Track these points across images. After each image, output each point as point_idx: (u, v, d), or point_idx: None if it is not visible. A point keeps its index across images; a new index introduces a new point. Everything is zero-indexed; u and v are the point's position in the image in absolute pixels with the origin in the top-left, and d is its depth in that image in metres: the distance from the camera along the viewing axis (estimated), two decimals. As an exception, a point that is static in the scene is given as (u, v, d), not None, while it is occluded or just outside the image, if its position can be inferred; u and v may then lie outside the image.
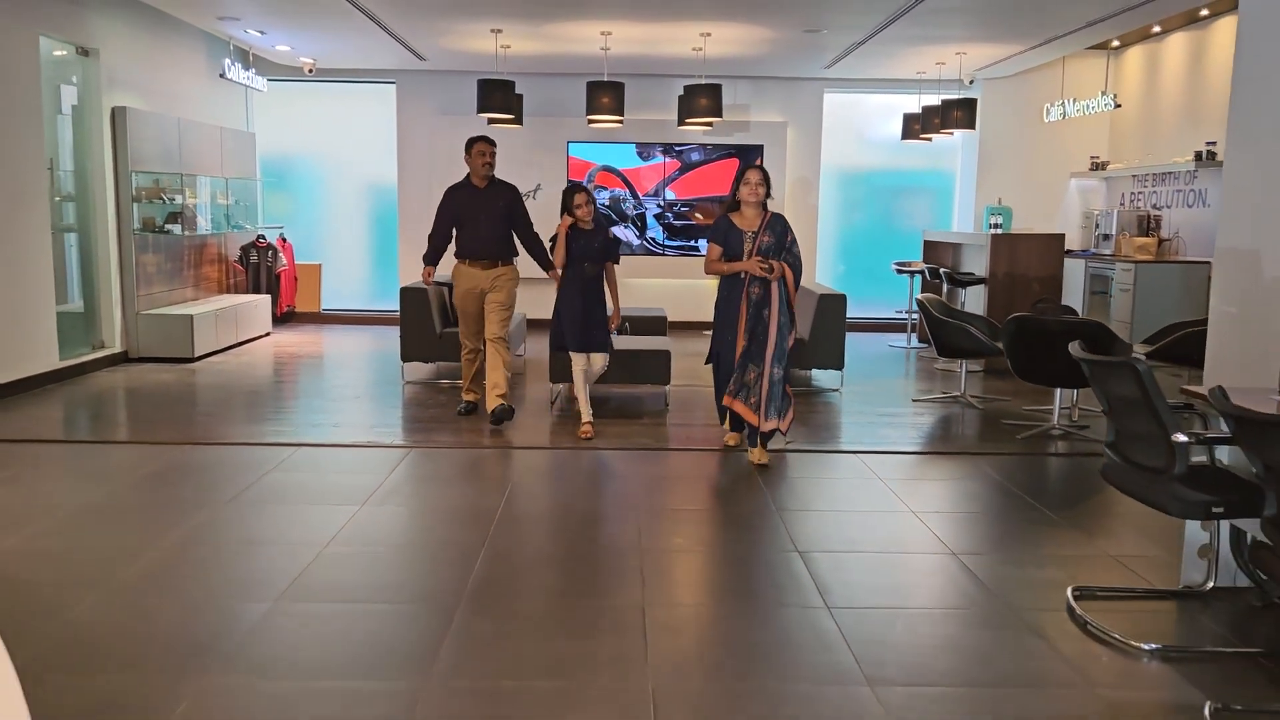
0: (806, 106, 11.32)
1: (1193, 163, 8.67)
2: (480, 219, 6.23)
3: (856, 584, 3.69)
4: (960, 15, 7.77)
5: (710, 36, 8.64)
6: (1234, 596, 3.58)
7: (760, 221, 5.41)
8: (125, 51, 8.40)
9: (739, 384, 5.41)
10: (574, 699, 2.77)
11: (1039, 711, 2.76)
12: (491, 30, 8.54)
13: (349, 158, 11.74)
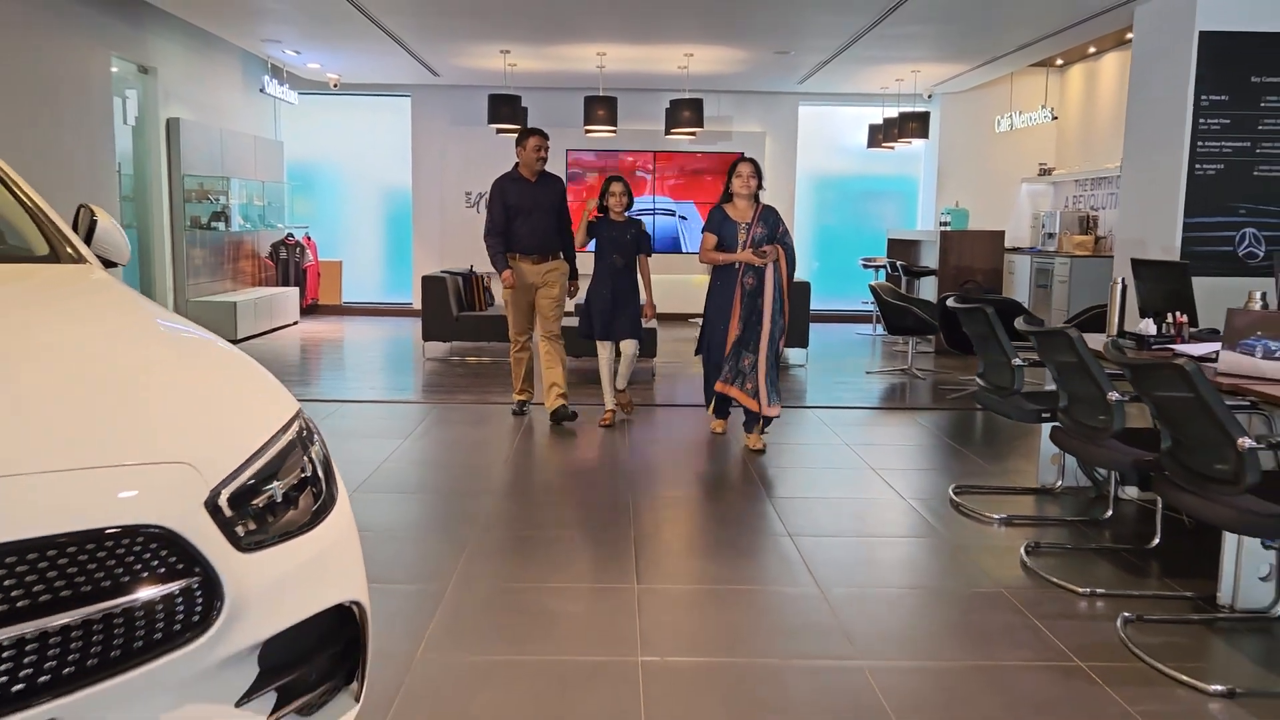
0: (782, 118, 12.50)
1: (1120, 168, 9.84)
2: (534, 213, 6.07)
3: (813, 514, 4.82)
4: (910, 40, 8.93)
5: (693, 57, 9.82)
6: (1077, 492, 4.72)
7: (754, 213, 5.59)
8: (178, 69, 9.55)
9: (734, 371, 5.57)
10: (577, 544, 3.91)
11: (918, 557, 3.90)
12: (500, 51, 9.71)
13: (367, 164, 12.89)
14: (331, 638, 1.90)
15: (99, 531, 1.47)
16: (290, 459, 1.86)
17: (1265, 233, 6.70)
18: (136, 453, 1.62)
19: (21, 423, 1.59)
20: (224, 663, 1.63)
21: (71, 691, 1.43)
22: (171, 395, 1.85)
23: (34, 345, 1.95)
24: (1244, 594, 3.25)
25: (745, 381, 5.55)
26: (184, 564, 1.57)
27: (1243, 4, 6.52)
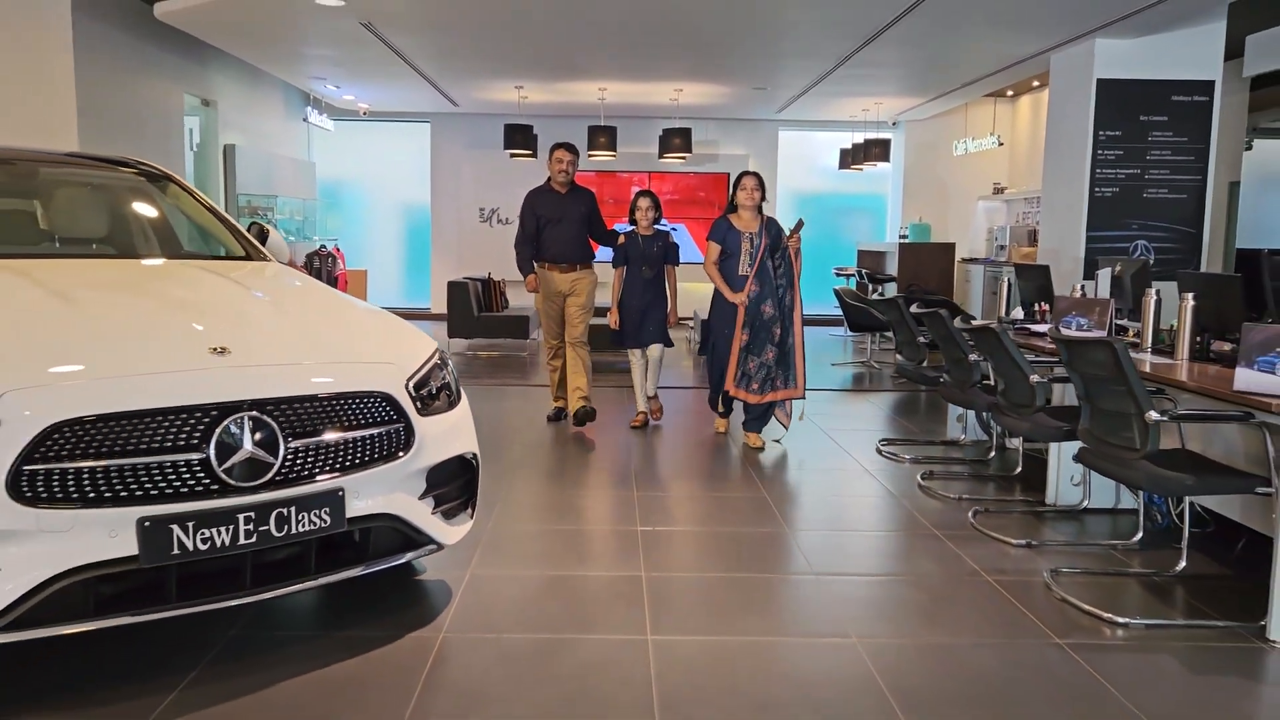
0: (764, 142, 13.93)
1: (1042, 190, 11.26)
2: (562, 223, 6.32)
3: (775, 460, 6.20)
4: (870, 78, 10.34)
5: (682, 91, 11.24)
6: (977, 446, 6.09)
7: (758, 224, 5.91)
8: (234, 101, 10.94)
9: (741, 374, 5.89)
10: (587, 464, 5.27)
11: (846, 485, 5.26)
12: (515, 86, 11.12)
13: (389, 182, 14.29)
14: (459, 475, 3.26)
15: (366, 392, 2.85)
16: (437, 372, 3.24)
17: (1154, 244, 8.10)
18: (372, 357, 3.00)
19: (309, 336, 2.98)
20: (412, 474, 3.00)
21: (353, 473, 2.80)
22: (375, 331, 3.25)
23: (282, 302, 3.35)
24: (1062, 496, 4.63)
25: (751, 383, 5.88)
26: (396, 416, 2.94)
27: (1132, 56, 7.94)
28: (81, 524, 2.39)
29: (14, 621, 2.35)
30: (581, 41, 8.68)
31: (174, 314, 3.06)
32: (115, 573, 2.45)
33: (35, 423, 2.36)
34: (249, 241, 4.16)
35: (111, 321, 2.88)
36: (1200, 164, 8.10)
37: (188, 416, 2.53)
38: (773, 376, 5.88)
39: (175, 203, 4.36)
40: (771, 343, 5.85)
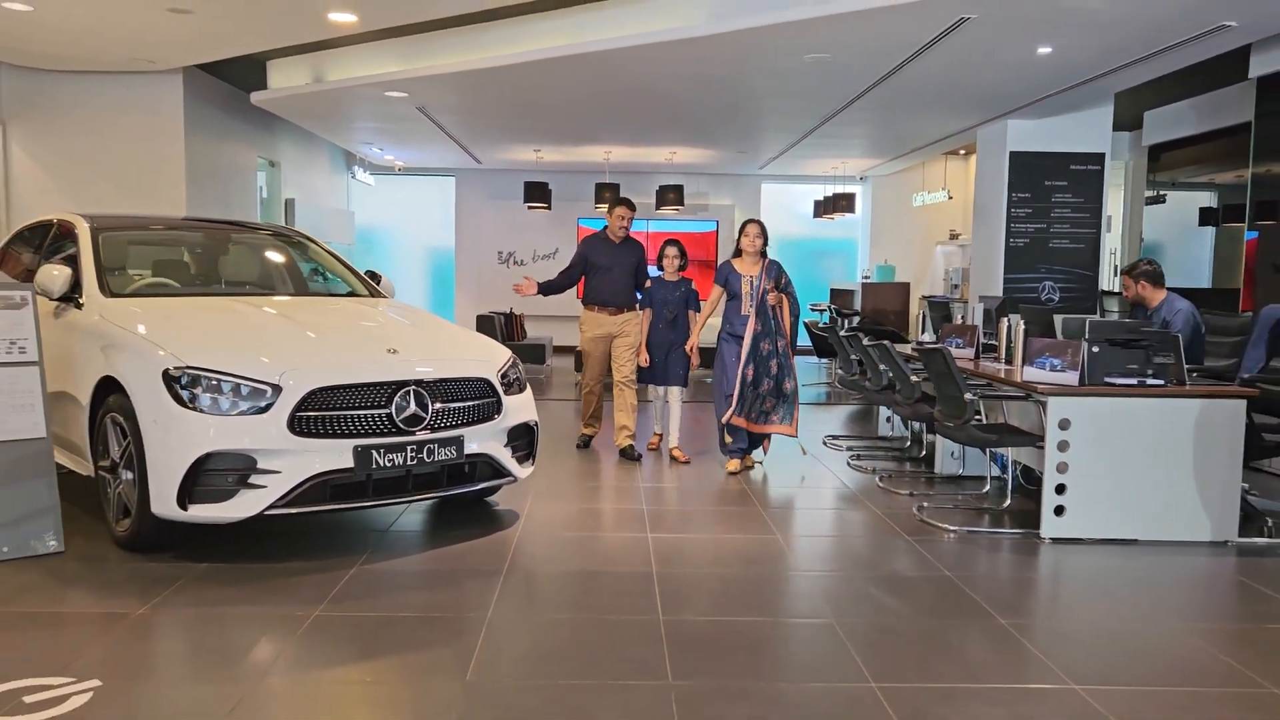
0: (749, 194, 15.85)
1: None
2: (613, 269, 6.77)
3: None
4: (836, 143, 12.23)
5: (675, 153, 13.16)
6: (903, 439, 7.86)
7: (760, 267, 6.36)
8: (293, 161, 12.83)
9: (743, 406, 6.35)
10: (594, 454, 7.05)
11: (795, 463, 7.04)
12: (534, 149, 13.04)
13: (417, 228, 16.17)
14: (526, 435, 5.04)
15: (476, 378, 4.67)
16: (512, 368, 5.04)
17: (1058, 284, 9.94)
18: (476, 356, 4.83)
19: (444, 350, 4.81)
20: (500, 431, 4.79)
21: (468, 427, 4.60)
22: (474, 341, 5.09)
23: (414, 321, 5.18)
24: (945, 467, 6.43)
25: (751, 412, 6.38)
26: (492, 394, 4.74)
27: (1038, 133, 9.83)
28: (324, 448, 4.18)
29: (288, 502, 4.13)
30: (591, 118, 10.58)
31: (356, 328, 4.89)
32: (340, 479, 4.23)
33: (300, 389, 4.15)
34: (369, 283, 5.99)
35: (324, 332, 4.70)
36: (1095, 219, 9.97)
37: (379, 388, 4.33)
38: (767, 410, 6.40)
39: (312, 255, 6.20)
40: (769, 376, 6.33)
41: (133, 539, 4.32)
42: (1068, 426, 4.82)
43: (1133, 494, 4.83)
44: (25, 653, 3.23)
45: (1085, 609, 3.97)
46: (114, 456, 4.39)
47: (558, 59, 7.56)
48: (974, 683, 3.12)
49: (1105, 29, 6.35)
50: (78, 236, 5.29)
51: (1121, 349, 4.89)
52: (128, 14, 7.22)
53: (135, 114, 9.48)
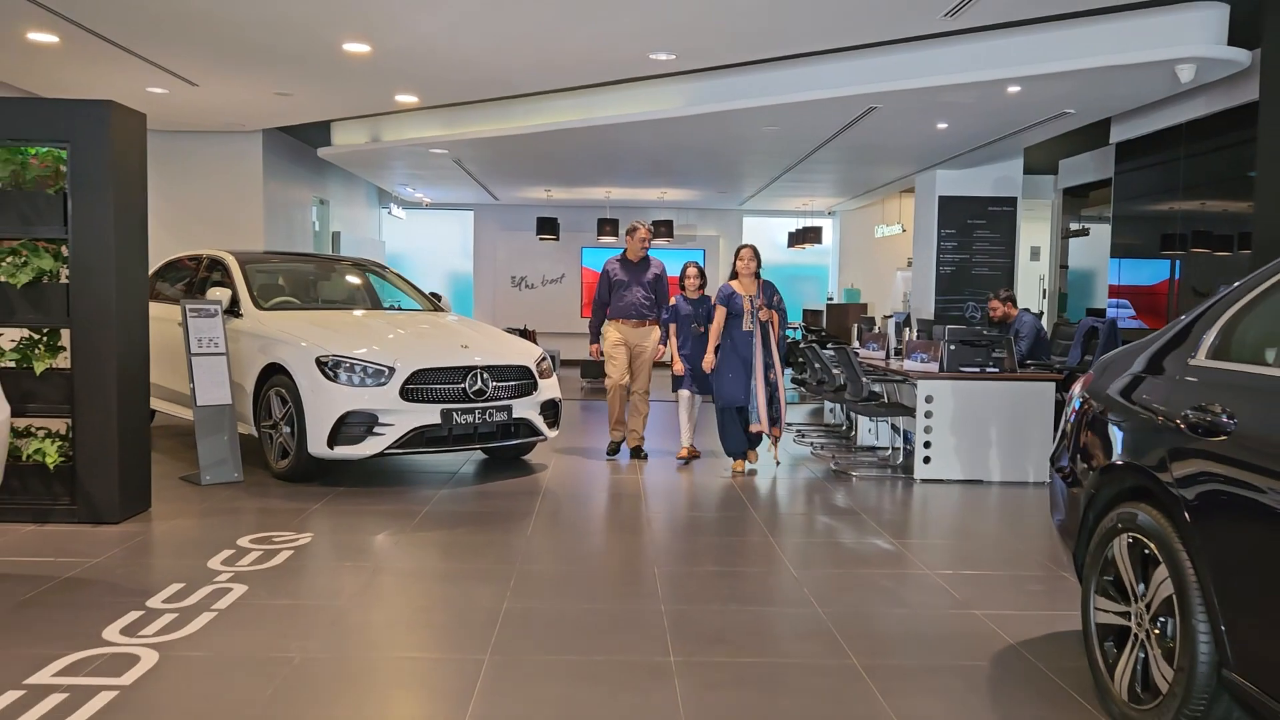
0: (732, 226, 18.01)
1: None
2: (632, 286, 7.48)
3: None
4: (803, 184, 14.39)
5: (666, 193, 15.34)
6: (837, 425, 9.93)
7: (756, 287, 7.04)
8: (339, 199, 14.98)
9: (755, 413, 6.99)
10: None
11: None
12: (544, 189, 15.21)
13: (438, 256, 18.30)
14: (553, 407, 7.14)
15: (520, 365, 6.78)
16: (544, 360, 7.15)
17: (980, 304, 12.05)
18: (519, 351, 6.94)
19: (498, 347, 6.93)
20: (536, 403, 6.88)
21: (515, 399, 6.70)
22: (516, 341, 7.21)
23: (473, 327, 7.30)
24: (864, 440, 8.51)
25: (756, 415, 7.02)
26: (530, 377, 6.85)
27: (961, 181, 11.98)
28: (421, 410, 6.26)
29: (398, 446, 6.21)
30: (595, 167, 12.74)
31: (435, 330, 7.00)
32: (431, 431, 6.31)
33: (407, 370, 6.24)
34: (432, 300, 8.10)
35: (412, 333, 6.80)
36: (1010, 251, 12.11)
37: (457, 370, 6.42)
38: (774, 418, 7.07)
39: (390, 280, 8.32)
40: (768, 383, 7.02)
41: (291, 472, 6.40)
42: (931, 400, 6.92)
43: (977, 448, 6.93)
44: (261, 521, 5.30)
45: (940, 524, 6.06)
46: (276, 417, 6.47)
47: (571, 129, 9.71)
48: (877, 575, 4.91)
49: (979, 115, 8.51)
50: (228, 266, 7.40)
51: (970, 347, 7.01)
52: (244, 98, 9.38)
53: (225, 165, 11.63)
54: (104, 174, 5.08)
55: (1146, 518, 2.82)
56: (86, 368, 5.13)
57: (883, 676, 3.33)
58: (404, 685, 3.23)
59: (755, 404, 6.98)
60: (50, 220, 5.08)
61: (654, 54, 7.75)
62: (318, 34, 7.29)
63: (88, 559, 4.51)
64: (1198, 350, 2.91)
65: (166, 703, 3.02)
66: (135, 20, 7.02)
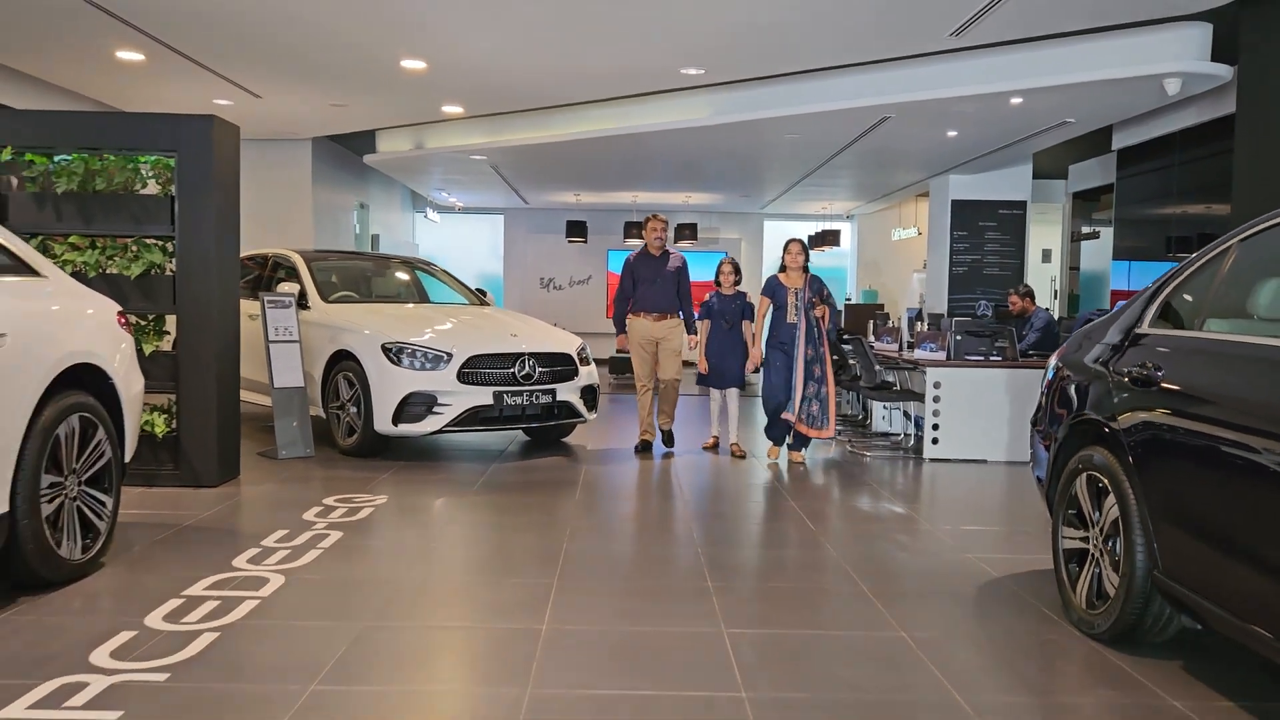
0: (753, 229, 18.66)
1: (954, 265, 15.87)
2: (654, 280, 7.51)
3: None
4: (821, 189, 15.03)
5: (690, 197, 16.01)
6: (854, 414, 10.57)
7: (803, 280, 7.06)
8: (378, 203, 15.73)
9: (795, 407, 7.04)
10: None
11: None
12: (574, 193, 15.91)
13: (470, 257, 19.03)
14: (591, 392, 7.81)
15: (563, 353, 7.47)
16: (583, 349, 7.82)
17: (991, 302, 12.65)
18: (561, 340, 7.63)
19: (544, 336, 7.62)
20: (577, 388, 7.55)
21: (558, 383, 7.38)
22: (557, 330, 7.90)
23: (519, 318, 8.00)
24: (879, 425, 9.14)
25: (802, 413, 7.05)
26: (572, 363, 7.52)
27: (973, 185, 12.59)
28: (476, 392, 6.95)
29: (455, 423, 6.90)
30: (624, 172, 13.43)
31: (485, 322, 7.69)
32: (485, 411, 7.00)
33: (463, 355, 6.93)
34: (478, 295, 8.79)
35: (465, 323, 7.50)
36: (1019, 252, 12.71)
37: (508, 357, 7.11)
38: (814, 414, 7.08)
39: (439, 277, 9.02)
40: (813, 379, 7.02)
41: (357, 448, 7.09)
42: (939, 386, 7.55)
43: (980, 430, 7.55)
44: (338, 486, 5.99)
45: (945, 492, 6.69)
46: (344, 399, 7.18)
47: (603, 137, 10.40)
48: (886, 529, 5.59)
49: (986, 124, 9.14)
50: (295, 264, 8.12)
51: (975, 337, 7.64)
52: (302, 108, 10.12)
53: (277, 171, 12.38)
54: (206, 179, 5.80)
55: (1100, 457, 3.47)
56: (189, 349, 5.84)
57: (886, 598, 3.98)
58: (489, 600, 3.91)
59: (793, 394, 7.04)
60: (159, 220, 5.80)
61: (684, 69, 8.43)
62: (379, 52, 8.01)
63: (198, 513, 5.21)
64: (1143, 321, 3.56)
65: (299, 608, 3.71)
66: (216, 39, 7.76)
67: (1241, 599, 2.79)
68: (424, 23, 7.25)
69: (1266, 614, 2.66)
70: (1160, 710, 2.93)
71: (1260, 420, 2.71)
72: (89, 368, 4.05)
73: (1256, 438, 2.71)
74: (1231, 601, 2.83)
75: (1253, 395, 2.80)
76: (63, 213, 5.74)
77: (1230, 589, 2.85)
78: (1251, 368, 2.86)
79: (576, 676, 3.12)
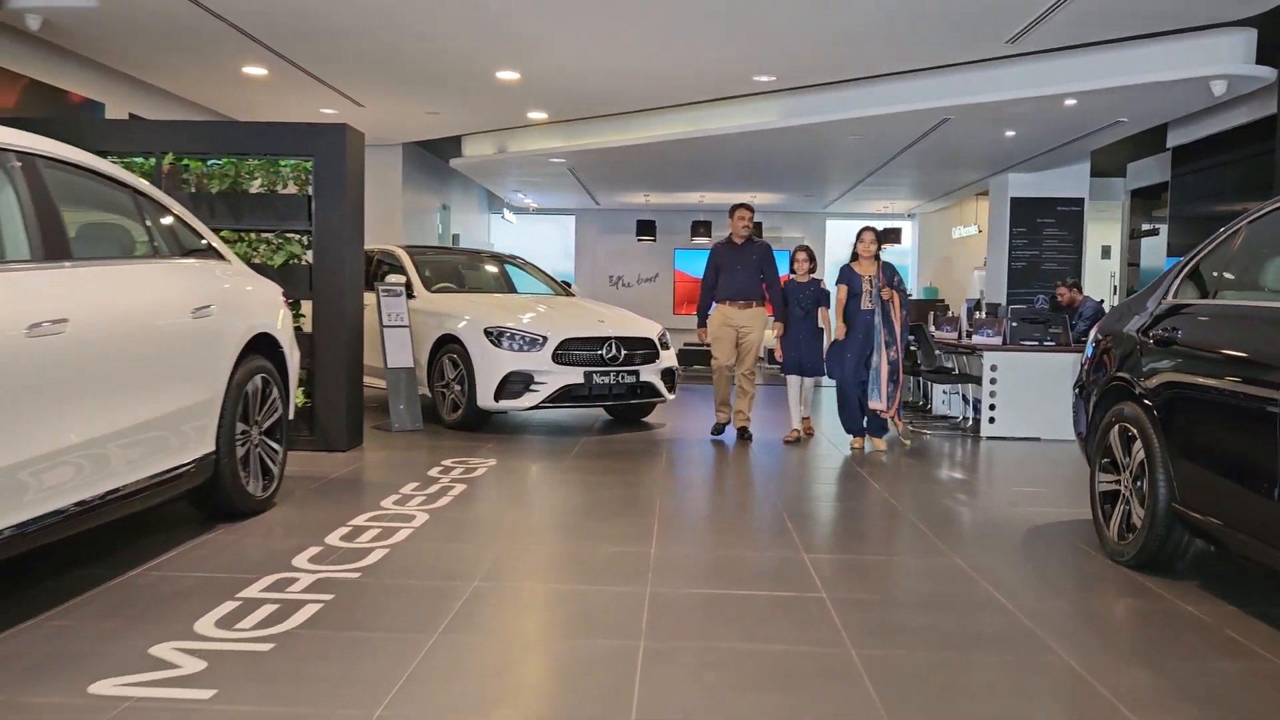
0: (815, 228, 19.20)
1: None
2: (738, 268, 7.61)
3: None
4: (882, 189, 15.55)
5: (755, 196, 16.63)
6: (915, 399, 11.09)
7: (876, 268, 7.20)
8: (458, 204, 16.61)
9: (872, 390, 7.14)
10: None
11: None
12: (644, 194, 16.63)
13: (540, 255, 19.81)
14: (671, 374, 8.49)
15: (646, 338, 8.17)
16: (664, 335, 8.51)
17: (1048, 296, 13.07)
18: (645, 326, 8.33)
19: (628, 322, 8.33)
20: (659, 370, 8.24)
21: (642, 365, 8.08)
22: (639, 318, 8.60)
23: (601, 308, 8.73)
24: (938, 409, 9.68)
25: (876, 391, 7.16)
26: (654, 347, 8.21)
27: (1032, 183, 13.03)
28: (568, 371, 7.66)
29: (549, 400, 7.62)
30: (692, 173, 14.11)
31: (574, 309, 8.42)
32: (576, 389, 7.71)
33: (557, 338, 7.65)
34: (564, 287, 9.53)
35: (555, 311, 8.23)
36: (1076, 248, 13.12)
37: (597, 340, 7.82)
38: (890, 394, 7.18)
39: (526, 270, 9.78)
40: (888, 361, 7.13)
41: (460, 422, 7.85)
42: (995, 369, 8.10)
43: (1033, 410, 8.08)
44: (450, 453, 6.75)
45: (1000, 463, 7.25)
46: (448, 378, 7.94)
47: (676, 140, 11.08)
48: (946, 491, 6.24)
49: (1040, 124, 9.65)
50: (400, 258, 8.93)
51: (1029, 324, 8.18)
52: (399, 116, 10.98)
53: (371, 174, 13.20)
54: (339, 181, 6.59)
55: (1130, 410, 4.06)
56: (323, 330, 6.64)
57: (943, 537, 4.60)
58: (603, 532, 4.61)
59: (876, 381, 7.10)
60: (298, 216, 6.61)
61: (757, 76, 9.08)
62: (476, 64, 8.79)
63: (338, 470, 5.99)
64: (1169, 293, 4.14)
65: (447, 534, 4.44)
66: (334, 54, 8.60)
67: (1242, 518, 3.37)
68: (522, 38, 8.00)
69: (1263, 528, 3.24)
70: (1174, 613, 3.51)
71: (1254, 369, 3.30)
72: (265, 337, 4.83)
73: (1253, 386, 3.29)
74: (1234, 520, 3.41)
75: (1248, 348, 3.39)
76: (215, 210, 6.58)
77: (1233, 511, 3.43)
78: (1248, 326, 3.44)
79: (684, 580, 3.80)
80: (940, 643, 3.16)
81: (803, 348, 7.60)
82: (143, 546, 4.04)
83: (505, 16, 7.46)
